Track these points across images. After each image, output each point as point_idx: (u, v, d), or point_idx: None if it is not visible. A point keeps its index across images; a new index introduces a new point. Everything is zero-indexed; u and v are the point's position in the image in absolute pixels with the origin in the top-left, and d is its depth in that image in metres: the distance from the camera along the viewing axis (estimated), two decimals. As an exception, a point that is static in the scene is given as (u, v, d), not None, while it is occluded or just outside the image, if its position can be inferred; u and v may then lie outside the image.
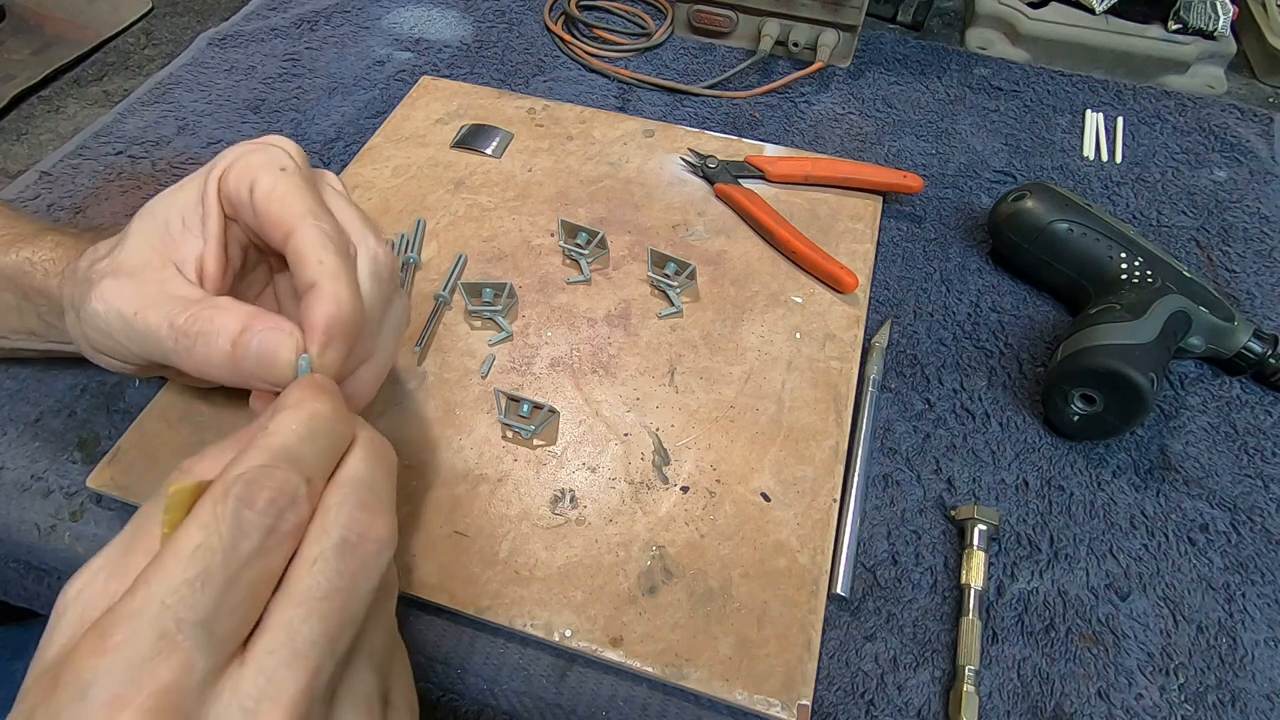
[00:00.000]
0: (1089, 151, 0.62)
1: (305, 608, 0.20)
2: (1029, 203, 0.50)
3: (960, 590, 0.39)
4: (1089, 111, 0.64)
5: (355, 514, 0.22)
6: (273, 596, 0.20)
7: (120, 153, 0.57)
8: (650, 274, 0.49)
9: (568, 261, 0.50)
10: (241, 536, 0.19)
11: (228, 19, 0.70)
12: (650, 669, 0.35)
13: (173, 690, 0.18)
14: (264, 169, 0.28)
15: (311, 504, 0.21)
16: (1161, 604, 0.39)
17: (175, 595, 0.18)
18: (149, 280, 0.28)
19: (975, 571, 0.39)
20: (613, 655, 0.36)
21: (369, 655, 0.22)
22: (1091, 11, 0.69)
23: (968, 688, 0.35)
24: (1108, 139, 0.63)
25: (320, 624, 0.20)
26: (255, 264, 0.33)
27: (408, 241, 0.50)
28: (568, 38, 0.68)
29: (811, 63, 0.64)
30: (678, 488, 0.41)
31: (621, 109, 0.63)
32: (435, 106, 0.60)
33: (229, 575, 0.19)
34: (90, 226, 0.38)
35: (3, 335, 0.39)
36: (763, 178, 0.55)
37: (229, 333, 0.26)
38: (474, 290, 0.47)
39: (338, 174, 0.55)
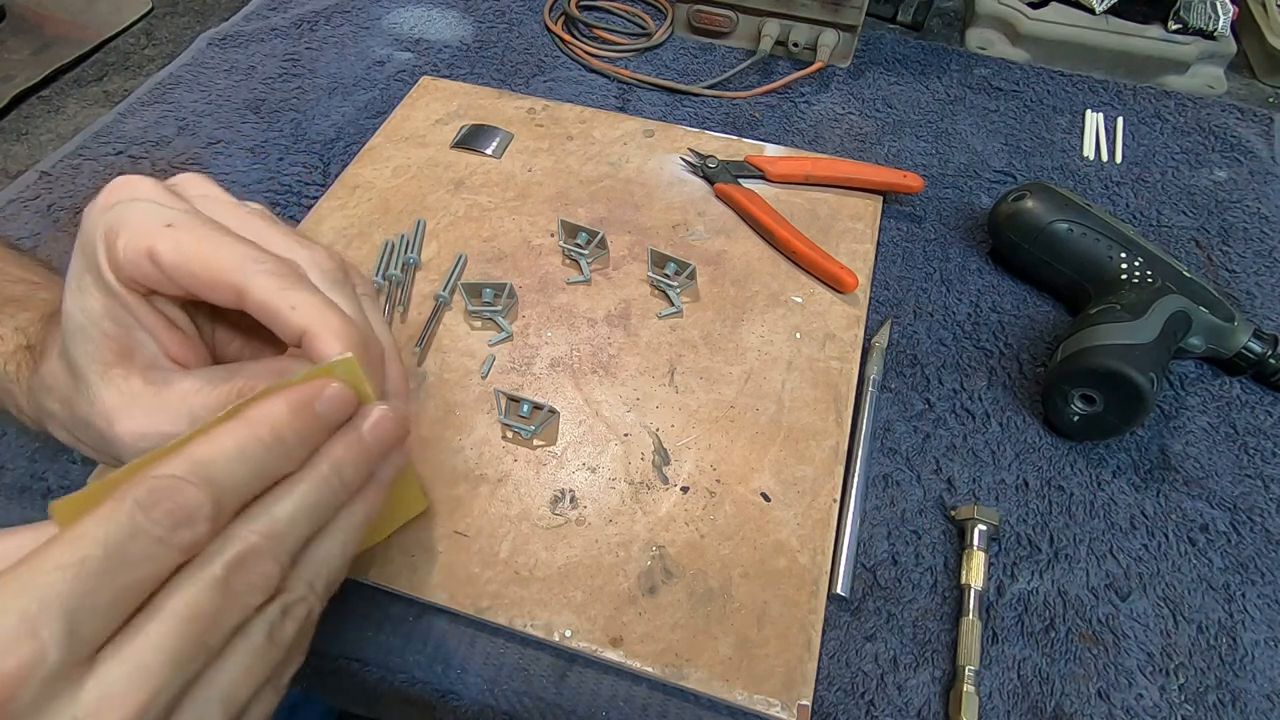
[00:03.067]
0: (1089, 151, 0.62)
1: (165, 625, 0.19)
2: (1029, 203, 0.50)
3: (960, 590, 0.39)
4: (1089, 111, 0.64)
5: (247, 557, 0.21)
6: (140, 610, 0.20)
7: (120, 153, 0.57)
8: (650, 274, 0.49)
9: (568, 261, 0.51)
10: (127, 539, 0.19)
11: (228, 19, 0.70)
12: (650, 669, 0.35)
13: (14, 678, 0.17)
14: (153, 234, 0.25)
15: (215, 526, 0.21)
16: (1161, 604, 0.39)
17: (49, 579, 0.18)
18: (157, 398, 0.26)
19: (975, 571, 0.39)
20: (613, 655, 0.36)
21: (223, 701, 0.21)
22: (1091, 11, 0.69)
23: (968, 688, 0.35)
24: (1108, 139, 0.63)
25: (174, 644, 0.19)
26: (201, 312, 0.31)
27: (408, 242, 0.50)
28: (568, 38, 0.68)
29: (811, 63, 0.64)
30: (678, 488, 0.41)
31: (621, 109, 0.63)
32: (435, 106, 0.60)
33: (104, 573, 0.19)
34: (47, 308, 0.33)
35: None
36: (763, 178, 0.55)
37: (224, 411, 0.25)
38: (474, 290, 0.47)
39: (337, 174, 0.55)
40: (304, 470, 0.23)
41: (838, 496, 0.41)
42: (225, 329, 0.31)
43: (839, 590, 0.38)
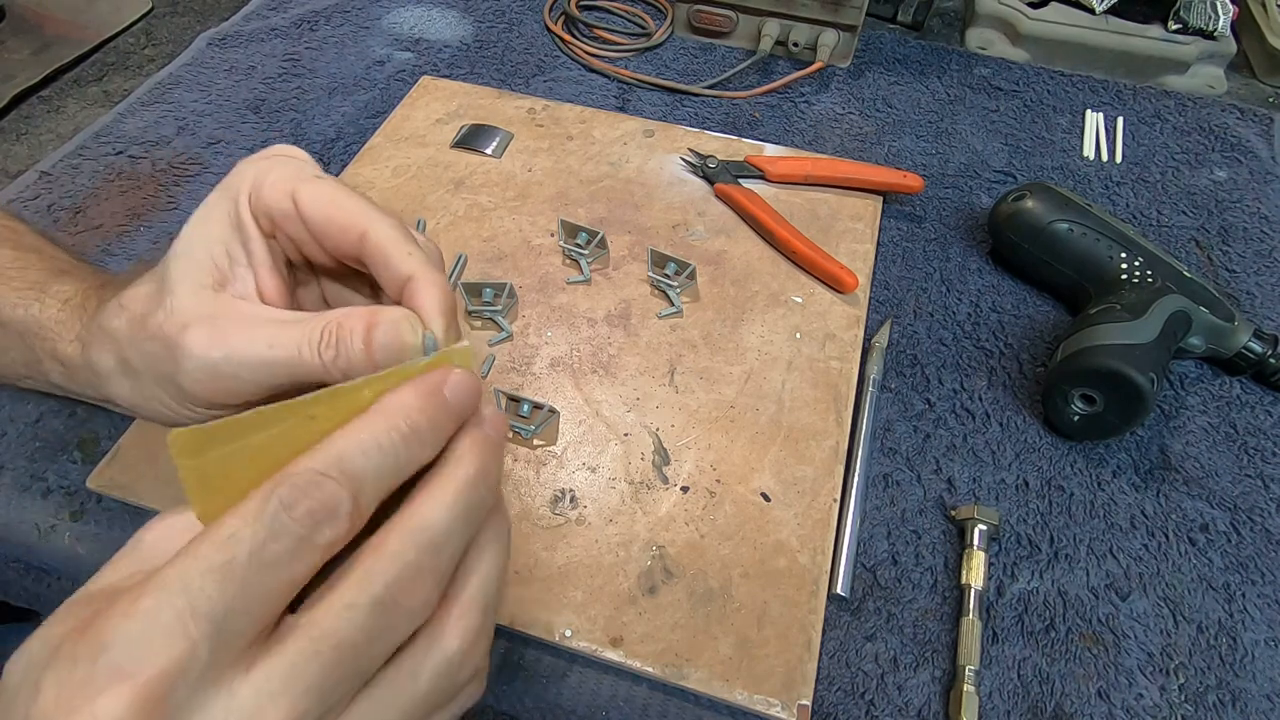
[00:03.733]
0: (1089, 151, 0.62)
1: (317, 646, 0.19)
2: (1029, 203, 0.50)
3: (960, 590, 0.39)
4: (1089, 111, 0.64)
5: (403, 575, 0.20)
6: (292, 616, 0.20)
7: (120, 153, 0.57)
8: (650, 274, 0.49)
9: (568, 261, 0.51)
10: (273, 539, 0.19)
11: (228, 19, 0.70)
12: (650, 669, 0.35)
13: (168, 677, 0.17)
14: (300, 180, 0.28)
15: (355, 522, 0.20)
16: (1161, 604, 0.39)
17: (198, 580, 0.18)
18: (240, 317, 0.27)
19: (975, 571, 0.39)
20: (613, 655, 0.36)
21: None
22: (1091, 11, 0.69)
23: (968, 688, 0.35)
24: (1108, 139, 0.63)
25: (322, 669, 0.19)
26: (301, 277, 0.33)
27: (408, 241, 0.50)
28: (568, 38, 0.68)
29: (811, 63, 0.64)
30: (678, 488, 0.41)
31: (621, 109, 0.63)
32: (435, 106, 0.60)
33: (250, 574, 0.19)
34: (99, 280, 0.35)
35: (22, 379, 0.37)
36: (763, 177, 0.55)
37: (359, 333, 0.25)
38: (474, 290, 0.47)
39: (337, 174, 0.55)
40: (447, 472, 0.22)
41: (838, 496, 0.41)
42: (309, 295, 0.32)
43: (839, 590, 0.38)
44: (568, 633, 0.36)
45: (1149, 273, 0.46)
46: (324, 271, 0.32)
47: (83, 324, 0.33)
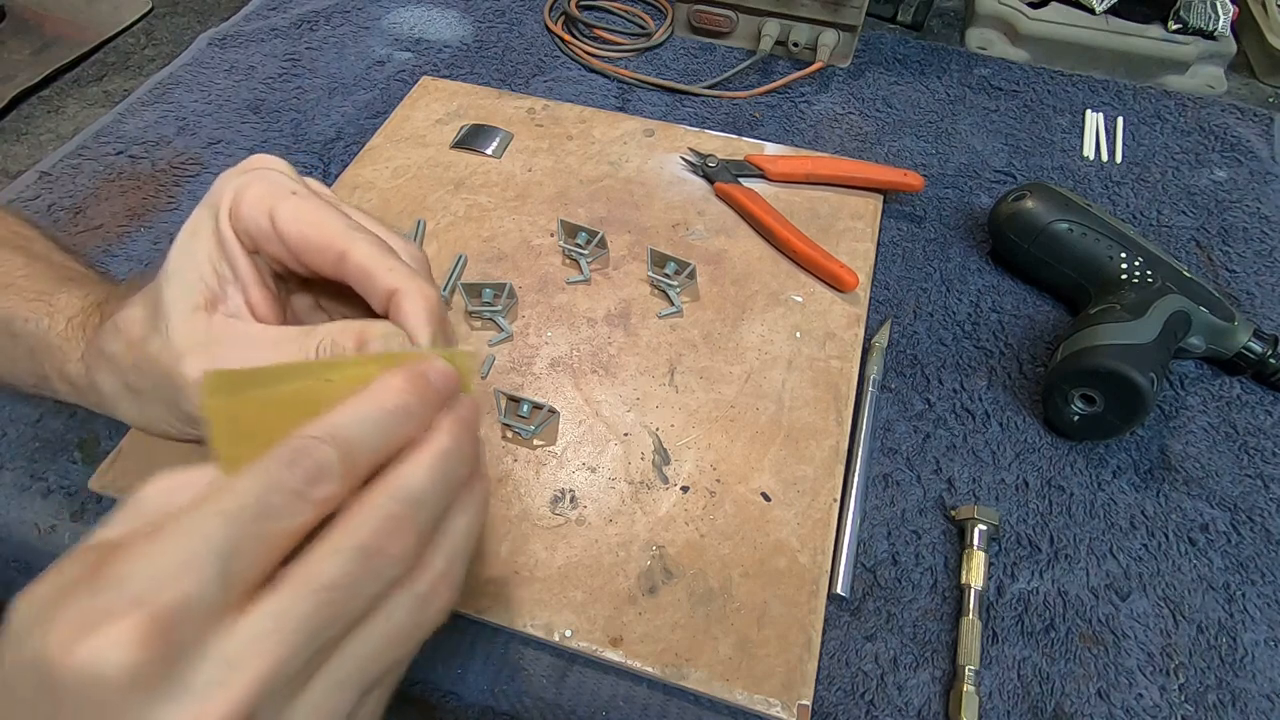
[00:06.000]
0: (1089, 151, 0.62)
1: (306, 589, 0.21)
2: (1029, 203, 0.50)
3: (960, 590, 0.39)
4: (1089, 111, 0.64)
5: (385, 525, 0.22)
6: (286, 567, 0.21)
7: (120, 153, 0.57)
8: (650, 274, 0.49)
9: (568, 261, 0.51)
10: (271, 491, 0.21)
11: (228, 19, 0.70)
12: (650, 669, 0.35)
13: (179, 609, 0.18)
14: (278, 198, 0.28)
15: (347, 482, 0.22)
16: (1161, 604, 0.39)
17: (210, 523, 0.20)
18: (235, 342, 0.28)
19: (975, 571, 0.39)
20: (613, 655, 0.36)
21: (359, 673, 0.22)
22: (1091, 11, 0.69)
23: (968, 688, 0.35)
24: (1108, 139, 0.63)
25: (310, 611, 0.20)
26: (292, 286, 0.34)
27: (408, 241, 0.50)
28: (568, 38, 0.68)
29: (811, 63, 0.64)
30: (678, 488, 0.41)
31: (621, 109, 0.63)
32: (435, 107, 0.60)
33: (253, 521, 0.20)
34: (103, 291, 0.36)
35: (29, 386, 0.37)
36: (763, 176, 0.55)
37: (351, 350, 0.27)
38: (474, 290, 0.47)
39: (338, 175, 0.55)
40: (426, 442, 0.25)
41: (838, 496, 0.41)
42: (302, 304, 0.33)
43: (839, 590, 0.38)
44: (568, 633, 0.36)
45: (1149, 273, 0.46)
46: (313, 280, 0.32)
47: (86, 344, 0.33)
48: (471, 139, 0.57)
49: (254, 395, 0.24)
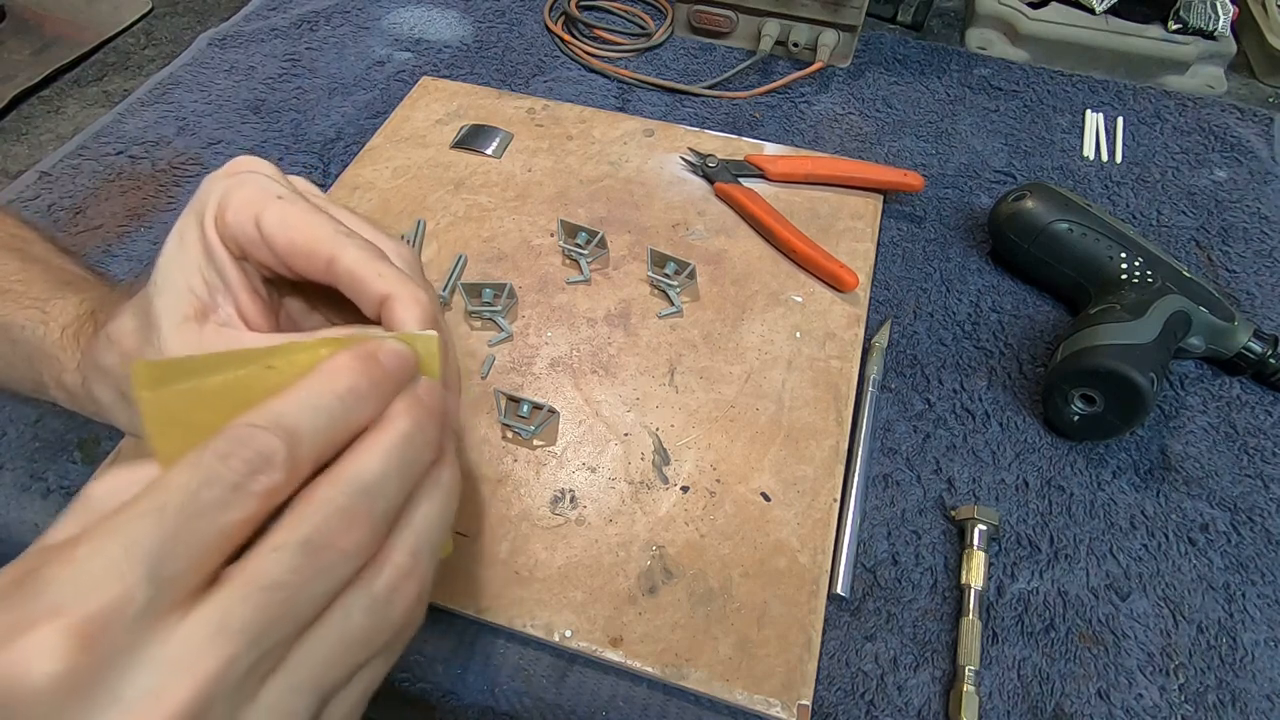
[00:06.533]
0: (1089, 151, 0.62)
1: (247, 589, 0.19)
2: (1029, 203, 0.50)
3: (960, 590, 0.39)
4: (1089, 111, 0.64)
5: (332, 518, 0.21)
6: (230, 567, 0.20)
7: (120, 153, 0.57)
8: (650, 274, 0.49)
9: (568, 261, 0.51)
10: (206, 486, 0.19)
11: (228, 19, 0.70)
12: (650, 669, 0.35)
13: (104, 616, 0.18)
14: (262, 201, 0.28)
15: (291, 472, 0.21)
16: (1161, 604, 0.39)
17: (135, 524, 0.19)
18: (225, 347, 0.28)
19: (975, 571, 0.39)
20: (613, 655, 0.36)
21: (314, 678, 0.21)
22: (1091, 11, 0.69)
23: (968, 688, 0.35)
24: (1108, 139, 0.63)
25: (253, 612, 0.19)
26: (284, 290, 0.33)
27: (408, 242, 0.50)
28: (568, 38, 0.68)
29: (811, 63, 0.64)
30: (678, 488, 0.41)
31: (621, 109, 0.63)
32: (435, 107, 0.60)
33: (184, 519, 0.19)
34: (97, 298, 0.36)
35: (27, 392, 0.37)
36: (763, 176, 0.55)
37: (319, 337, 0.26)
38: (474, 290, 0.47)
39: (338, 175, 0.55)
40: (381, 427, 0.23)
41: (838, 496, 0.41)
42: (295, 306, 0.32)
43: (839, 590, 0.38)
44: (568, 633, 0.36)
45: (1149, 273, 0.46)
46: (305, 284, 0.32)
47: (81, 354, 0.33)
48: (471, 139, 0.57)
49: (190, 386, 0.22)
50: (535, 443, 0.42)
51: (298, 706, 0.20)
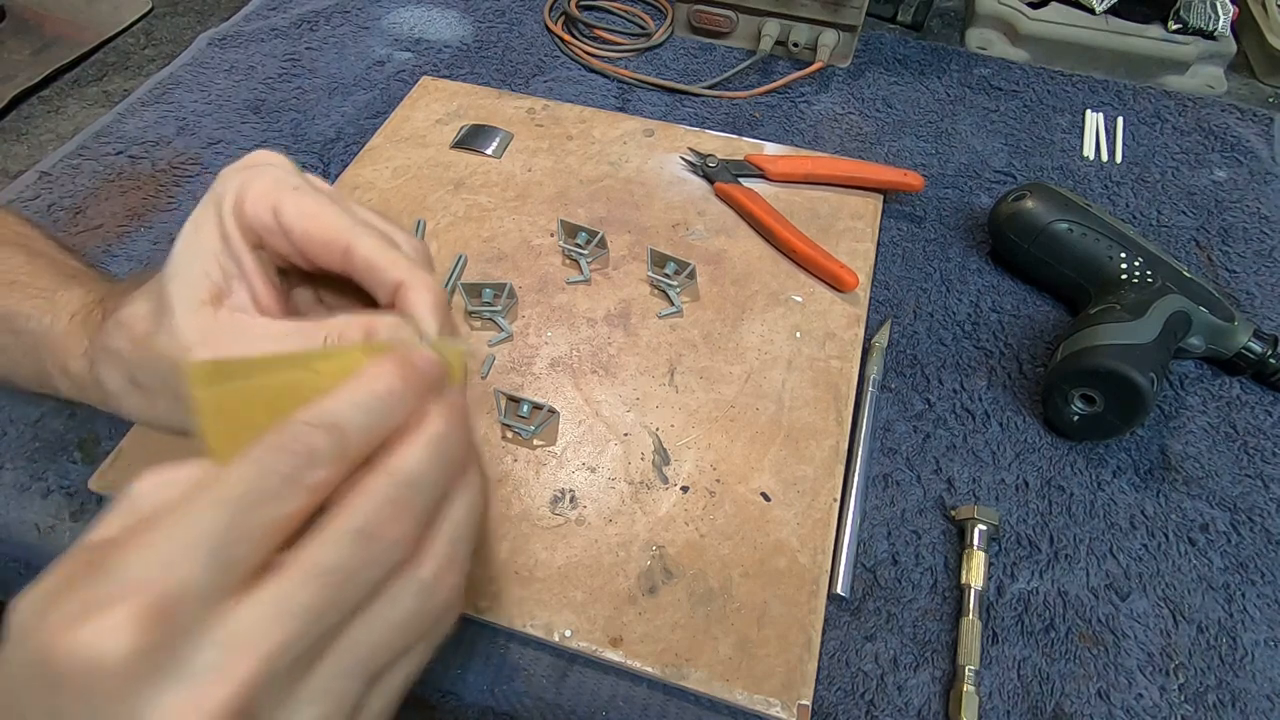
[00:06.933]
0: (1089, 151, 0.62)
1: (305, 574, 0.21)
2: (1029, 203, 0.50)
3: (960, 590, 0.39)
4: (1089, 111, 0.64)
5: (382, 508, 0.22)
6: (285, 553, 0.21)
7: (120, 153, 0.57)
8: (650, 274, 0.49)
9: (568, 261, 0.50)
10: (265, 477, 0.21)
11: (228, 19, 0.70)
12: (650, 669, 0.35)
13: (175, 596, 0.19)
14: (281, 193, 0.29)
15: (340, 466, 0.22)
16: (1161, 604, 0.39)
17: (201, 512, 0.20)
18: (240, 336, 0.28)
19: (975, 571, 0.39)
20: (613, 655, 0.36)
21: (362, 661, 0.22)
22: (1091, 11, 0.69)
23: (968, 688, 0.35)
24: (1108, 139, 0.63)
25: (310, 596, 0.20)
26: (294, 280, 0.34)
27: (408, 241, 0.50)
28: (568, 38, 0.68)
29: (811, 63, 0.64)
30: (678, 488, 0.41)
31: (621, 109, 0.63)
32: (435, 107, 0.60)
33: (244, 509, 0.20)
34: (103, 289, 0.36)
35: (29, 385, 0.38)
36: (763, 176, 0.55)
37: (357, 342, 0.27)
38: (474, 290, 0.47)
39: (337, 175, 0.55)
40: (419, 427, 0.24)
41: (838, 496, 0.41)
42: (303, 296, 0.33)
43: (839, 590, 0.38)
44: (568, 633, 0.36)
45: (1149, 273, 0.46)
46: (315, 274, 0.32)
47: (89, 340, 0.33)
48: (471, 139, 0.57)
49: (242, 386, 0.23)
50: (535, 443, 0.42)
51: (347, 688, 0.22)
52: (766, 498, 0.41)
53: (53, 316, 0.34)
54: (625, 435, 0.43)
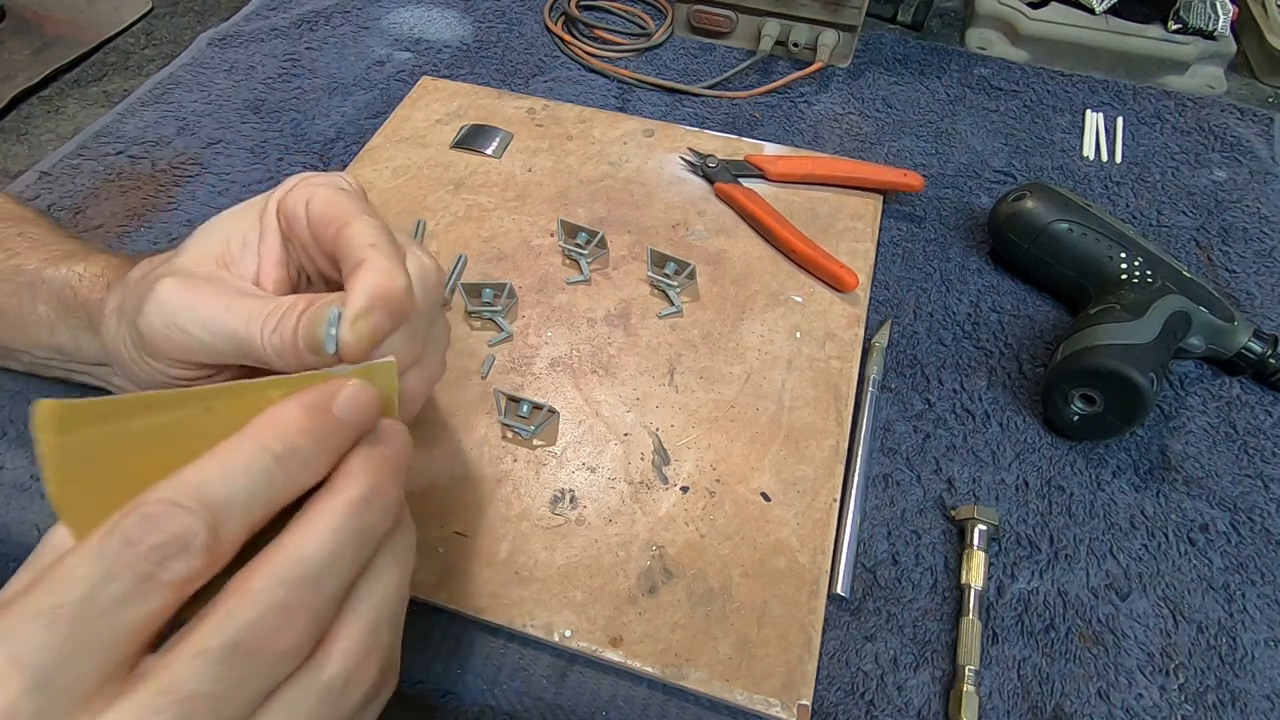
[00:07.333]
0: (1089, 151, 0.62)
1: (163, 699, 0.17)
2: (1029, 203, 0.50)
3: (960, 590, 0.39)
4: (1089, 111, 0.64)
5: (266, 616, 0.18)
6: (153, 656, 0.18)
7: (120, 153, 0.57)
8: (650, 274, 0.49)
9: (568, 261, 0.50)
10: (110, 578, 0.17)
11: (228, 19, 0.70)
12: (650, 669, 0.35)
13: None
14: (323, 186, 0.29)
15: (214, 556, 0.18)
16: (1161, 604, 0.39)
17: (25, 626, 0.16)
18: (220, 282, 0.28)
19: (975, 571, 0.39)
20: (613, 655, 0.36)
21: None
22: (1091, 11, 0.69)
23: (968, 688, 0.35)
24: (1108, 139, 0.63)
25: None
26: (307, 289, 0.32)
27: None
28: (568, 38, 0.68)
29: (811, 63, 0.64)
30: (678, 488, 0.41)
31: (621, 109, 0.63)
32: (435, 107, 0.60)
33: (85, 618, 0.17)
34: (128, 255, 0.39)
35: (26, 350, 0.38)
36: (763, 177, 0.55)
37: (292, 318, 0.24)
38: (474, 290, 0.47)
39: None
40: (330, 493, 0.20)
41: (838, 496, 0.41)
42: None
43: (839, 590, 0.38)
44: (568, 633, 0.36)
45: (1149, 273, 0.46)
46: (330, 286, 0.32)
47: (116, 277, 0.35)
48: (471, 139, 0.57)
49: (111, 430, 0.19)
50: (535, 443, 0.42)
51: None
52: (766, 498, 0.41)
53: (87, 263, 0.36)
54: (625, 435, 0.43)
